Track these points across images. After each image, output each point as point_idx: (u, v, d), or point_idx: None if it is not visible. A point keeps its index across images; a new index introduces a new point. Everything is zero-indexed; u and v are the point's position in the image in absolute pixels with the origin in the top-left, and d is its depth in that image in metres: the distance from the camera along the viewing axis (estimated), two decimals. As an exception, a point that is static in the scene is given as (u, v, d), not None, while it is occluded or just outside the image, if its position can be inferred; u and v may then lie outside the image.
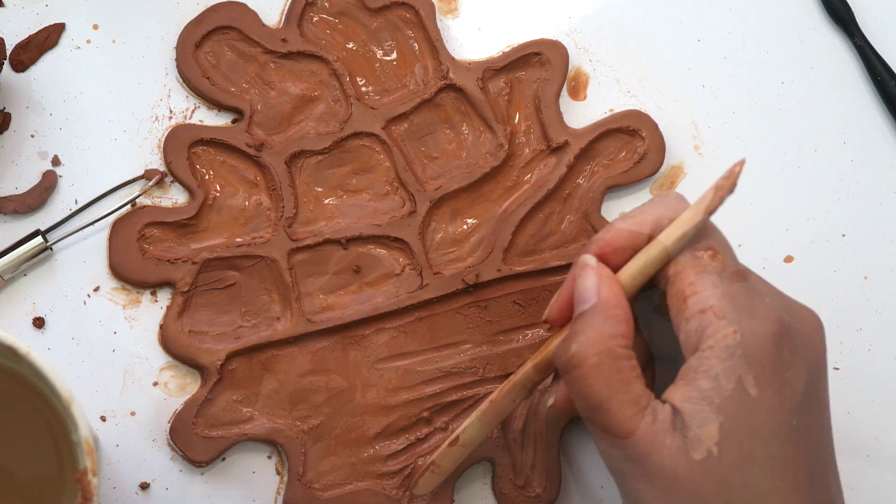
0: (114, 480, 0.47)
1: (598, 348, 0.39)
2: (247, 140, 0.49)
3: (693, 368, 0.38)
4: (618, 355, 0.39)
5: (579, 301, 0.40)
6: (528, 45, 0.51)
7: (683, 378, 0.38)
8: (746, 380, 0.38)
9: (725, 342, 0.38)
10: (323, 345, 0.48)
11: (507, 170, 0.50)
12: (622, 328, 0.39)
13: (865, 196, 0.52)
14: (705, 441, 0.37)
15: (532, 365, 0.43)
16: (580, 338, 0.39)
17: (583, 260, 0.41)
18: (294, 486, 0.47)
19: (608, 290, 0.40)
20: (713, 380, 0.38)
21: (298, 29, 0.51)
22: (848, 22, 0.53)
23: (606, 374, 0.38)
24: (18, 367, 0.39)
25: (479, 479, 0.49)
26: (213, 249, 0.49)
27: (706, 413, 0.37)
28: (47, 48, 0.50)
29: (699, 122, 0.52)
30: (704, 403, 0.38)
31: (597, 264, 0.41)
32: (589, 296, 0.40)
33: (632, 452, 0.38)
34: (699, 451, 0.37)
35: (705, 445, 0.37)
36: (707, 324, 0.38)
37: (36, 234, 0.48)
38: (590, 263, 0.41)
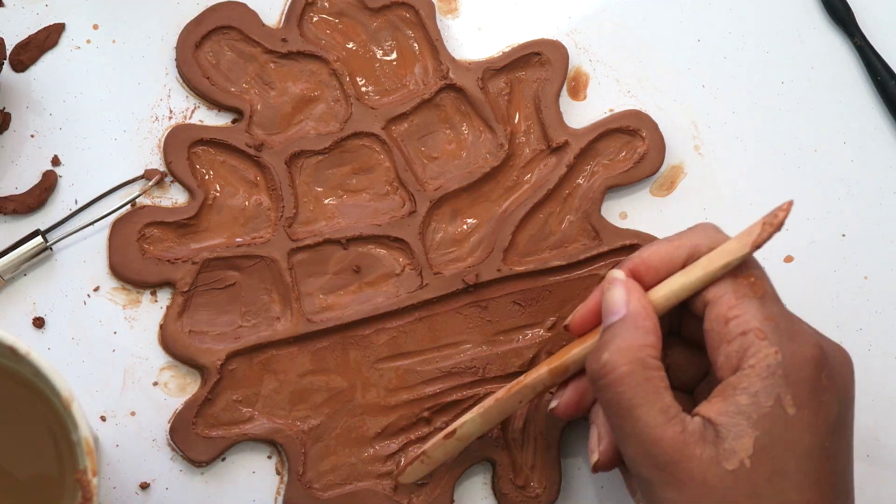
0: (114, 480, 0.47)
1: (628, 357, 0.40)
2: (247, 140, 0.49)
3: (732, 385, 0.39)
4: (648, 365, 0.40)
5: (608, 313, 0.41)
6: (528, 45, 0.51)
7: (720, 395, 0.39)
8: (785, 398, 0.39)
9: (766, 361, 0.39)
10: (323, 345, 0.48)
11: (507, 170, 0.50)
12: (651, 339, 0.40)
13: (865, 196, 0.52)
14: (739, 453, 0.38)
15: (548, 369, 0.44)
16: (611, 347, 0.40)
17: (612, 274, 0.42)
18: (294, 486, 0.47)
19: (637, 303, 0.41)
20: (752, 396, 0.39)
21: (298, 29, 0.51)
22: (848, 22, 0.53)
23: (637, 382, 0.39)
24: (18, 367, 0.39)
25: (479, 479, 0.49)
26: (213, 249, 0.49)
27: (742, 427, 0.39)
28: (47, 48, 0.50)
29: (699, 122, 0.52)
30: (741, 418, 0.39)
31: (626, 278, 0.42)
32: (619, 308, 0.41)
33: (661, 460, 0.39)
34: (732, 462, 0.38)
35: (738, 457, 0.38)
36: (749, 344, 0.39)
37: (36, 234, 0.48)
38: (619, 277, 0.42)
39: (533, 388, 0.44)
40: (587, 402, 0.44)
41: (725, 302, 0.40)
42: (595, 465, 0.43)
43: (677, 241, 0.43)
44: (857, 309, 0.51)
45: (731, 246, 0.41)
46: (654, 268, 0.42)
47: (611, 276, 0.42)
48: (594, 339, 0.43)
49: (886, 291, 0.51)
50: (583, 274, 0.50)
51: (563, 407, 0.44)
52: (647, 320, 0.41)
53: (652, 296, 0.42)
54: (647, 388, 0.39)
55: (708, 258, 0.41)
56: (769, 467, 0.38)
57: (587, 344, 0.43)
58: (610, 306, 0.41)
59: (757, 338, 0.39)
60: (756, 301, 0.40)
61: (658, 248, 0.43)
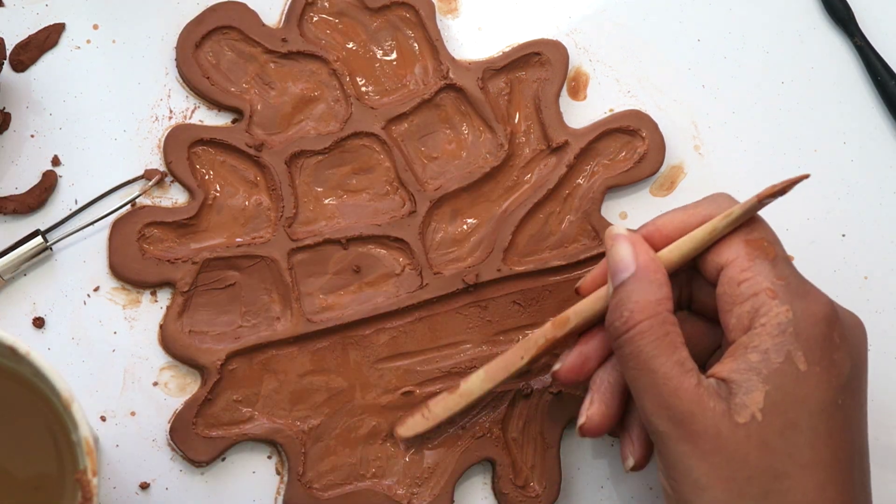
0: (114, 480, 0.47)
1: (647, 312, 0.40)
2: (247, 140, 0.49)
3: (743, 345, 0.40)
4: (665, 319, 0.40)
5: (617, 270, 0.42)
6: (528, 45, 0.51)
7: (731, 354, 0.40)
8: (795, 355, 0.39)
9: (777, 319, 0.39)
10: (323, 345, 0.48)
11: (507, 170, 0.50)
12: (665, 291, 0.41)
13: (865, 196, 0.52)
14: (750, 406, 0.39)
15: (551, 322, 0.44)
16: (629, 304, 0.41)
17: (612, 230, 0.43)
18: (294, 486, 0.47)
19: (645, 256, 0.42)
20: (762, 353, 0.39)
21: (298, 29, 0.51)
22: (848, 22, 0.53)
23: (656, 336, 0.40)
24: (18, 367, 0.39)
25: (479, 479, 0.49)
26: (213, 249, 0.49)
27: (753, 382, 0.39)
28: (47, 48, 0.50)
29: (699, 122, 0.52)
30: (752, 374, 0.39)
31: (628, 233, 0.42)
32: (627, 264, 0.42)
33: (676, 412, 0.39)
34: (743, 416, 0.39)
35: (749, 410, 0.39)
36: (760, 304, 0.40)
37: (36, 234, 0.48)
38: (621, 233, 0.42)
39: (535, 341, 0.44)
40: (589, 368, 0.44)
41: (737, 265, 0.41)
42: (580, 429, 0.43)
43: (692, 209, 0.43)
44: (857, 309, 0.51)
45: (735, 208, 0.42)
46: (668, 235, 0.43)
47: (612, 233, 0.43)
48: (597, 293, 0.43)
49: (886, 291, 0.51)
50: (583, 274, 0.50)
51: (566, 371, 0.44)
52: (658, 273, 0.41)
53: (663, 252, 0.42)
54: (664, 342, 0.40)
55: (717, 218, 0.42)
56: (781, 421, 0.39)
57: (590, 297, 0.43)
58: (618, 263, 0.42)
59: (768, 297, 0.40)
60: (768, 263, 0.41)
61: (672, 216, 0.43)
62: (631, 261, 0.41)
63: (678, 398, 0.39)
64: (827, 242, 0.52)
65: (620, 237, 0.42)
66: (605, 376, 0.43)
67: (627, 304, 0.41)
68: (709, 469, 0.39)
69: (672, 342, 0.40)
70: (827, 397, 0.39)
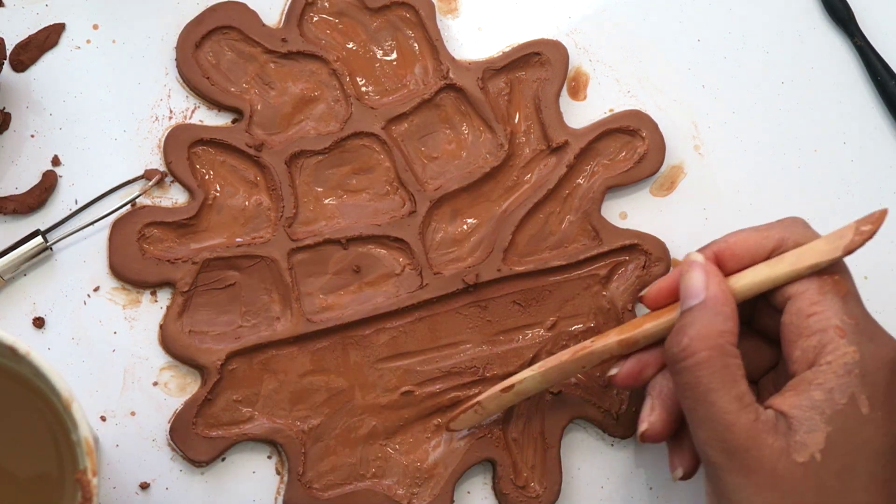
0: (114, 480, 0.47)
1: (708, 343, 0.40)
2: (247, 140, 0.49)
3: (807, 381, 0.40)
4: (726, 352, 0.40)
5: (687, 296, 0.42)
6: (528, 45, 0.51)
7: (794, 389, 0.40)
8: (860, 398, 0.39)
9: (844, 360, 0.39)
10: (323, 345, 0.48)
11: (507, 170, 0.50)
12: (730, 325, 0.41)
13: (865, 196, 0.52)
14: (811, 446, 0.39)
15: (618, 340, 0.44)
16: (691, 331, 0.40)
17: (690, 257, 0.43)
18: (294, 486, 0.47)
19: (717, 287, 0.41)
20: (827, 392, 0.39)
21: (298, 29, 0.51)
22: (848, 22, 0.53)
23: (715, 368, 0.40)
24: (18, 367, 0.39)
25: (480, 479, 0.49)
26: (213, 249, 0.49)
27: (815, 421, 0.39)
28: (47, 48, 0.50)
29: (699, 122, 0.52)
30: (815, 412, 0.39)
31: (705, 262, 0.42)
32: (698, 291, 0.41)
33: (732, 445, 0.39)
34: (802, 455, 0.39)
35: (810, 450, 0.39)
36: (828, 341, 0.40)
37: (36, 234, 0.48)
38: (698, 260, 0.42)
39: (599, 355, 0.44)
40: (647, 375, 0.44)
41: (808, 297, 0.41)
42: (643, 435, 0.43)
43: (766, 231, 0.43)
44: (857, 309, 0.51)
45: (820, 246, 0.41)
46: (738, 255, 0.43)
47: (689, 259, 0.42)
48: (667, 316, 0.43)
49: (886, 291, 0.51)
50: (583, 274, 0.50)
51: (624, 377, 0.44)
52: (727, 306, 0.41)
53: (733, 283, 0.42)
54: (724, 375, 0.40)
55: (796, 254, 0.42)
56: (839, 464, 0.39)
57: (660, 320, 0.43)
58: (689, 289, 0.42)
59: (837, 335, 0.40)
60: (839, 299, 0.41)
61: (746, 237, 0.43)
62: (702, 289, 0.41)
63: (734, 433, 0.39)
64: (827, 242, 0.52)
65: (696, 265, 0.42)
66: (666, 383, 0.43)
67: (689, 332, 0.40)
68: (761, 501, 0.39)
69: (732, 375, 0.40)
70: (887, 443, 0.39)
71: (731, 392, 0.39)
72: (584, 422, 0.49)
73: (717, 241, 0.43)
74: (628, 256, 0.50)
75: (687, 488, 0.49)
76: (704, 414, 0.40)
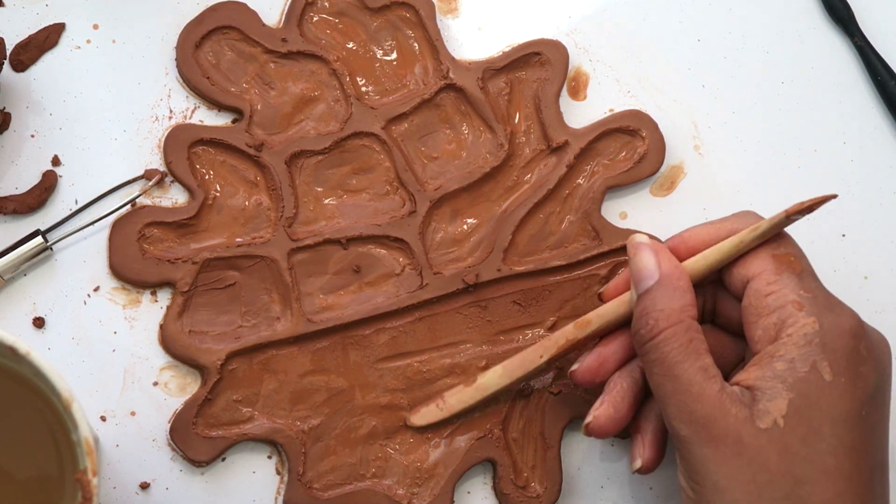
0: (114, 480, 0.47)
1: (672, 319, 0.41)
2: (247, 140, 0.49)
3: (769, 354, 0.40)
4: (689, 326, 0.41)
5: (640, 278, 0.42)
6: (528, 45, 0.51)
7: (757, 364, 0.41)
8: (821, 365, 0.40)
9: (804, 331, 0.40)
10: (323, 345, 0.48)
11: (507, 170, 0.50)
12: (689, 298, 0.42)
13: (865, 196, 0.52)
14: (773, 412, 0.39)
15: (573, 322, 0.45)
16: (654, 312, 0.41)
17: (634, 239, 0.43)
18: (294, 486, 0.47)
19: (668, 264, 0.42)
20: (788, 363, 0.40)
21: (298, 29, 0.51)
22: (848, 22, 0.53)
23: (680, 342, 0.41)
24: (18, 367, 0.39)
25: (480, 480, 0.49)
26: (213, 249, 0.49)
27: (777, 389, 0.39)
28: (47, 48, 0.50)
29: (699, 122, 0.52)
30: (777, 381, 0.40)
31: (651, 241, 0.43)
32: (651, 272, 0.42)
33: (698, 416, 0.40)
34: (765, 421, 0.39)
35: (772, 416, 0.39)
36: (787, 316, 0.40)
37: (36, 234, 0.48)
38: (643, 241, 0.43)
39: (555, 341, 0.45)
40: (607, 370, 0.44)
41: (764, 278, 0.41)
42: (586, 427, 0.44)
43: (718, 223, 0.44)
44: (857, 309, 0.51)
45: (763, 222, 0.42)
46: (693, 248, 0.43)
47: (635, 242, 0.43)
48: (620, 298, 0.44)
49: (886, 291, 0.51)
50: (583, 274, 0.50)
51: (583, 371, 0.44)
52: (681, 280, 0.42)
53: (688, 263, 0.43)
54: (689, 349, 0.41)
55: (742, 232, 0.42)
56: (804, 428, 0.39)
57: (613, 301, 0.44)
58: (641, 271, 0.42)
59: (795, 309, 0.40)
60: (794, 276, 0.41)
61: (698, 230, 0.44)
62: (654, 269, 0.42)
63: (700, 403, 0.40)
64: (827, 242, 0.52)
65: (643, 245, 0.43)
66: (620, 381, 0.44)
67: (652, 313, 0.41)
68: (729, 473, 0.39)
69: (696, 349, 0.41)
70: (852, 408, 0.40)
71: (696, 364, 0.40)
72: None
73: (672, 237, 0.44)
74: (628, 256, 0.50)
75: (687, 488, 0.49)
76: (672, 388, 0.40)
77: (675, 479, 0.49)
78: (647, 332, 0.41)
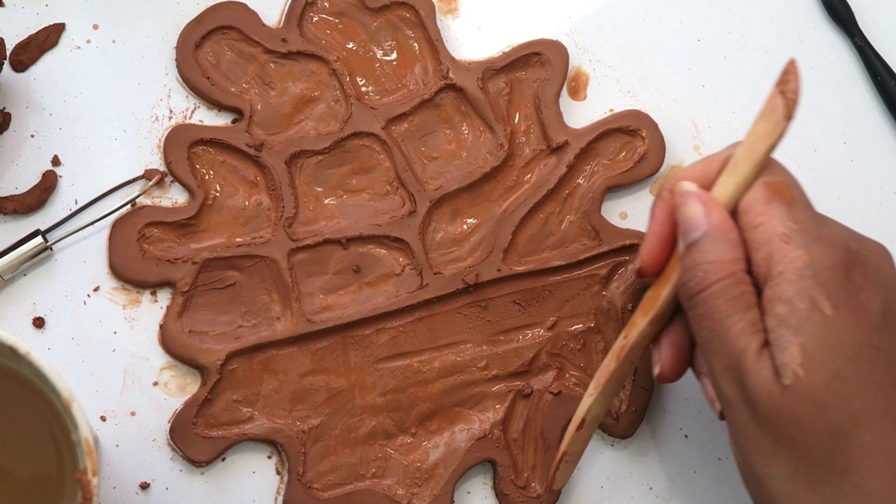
0: (114, 480, 0.47)
1: (723, 272, 0.39)
2: (247, 140, 0.49)
3: (767, 299, 0.38)
4: (740, 280, 0.39)
5: (688, 229, 0.40)
6: (528, 45, 0.51)
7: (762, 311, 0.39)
8: (820, 300, 0.38)
9: (794, 265, 0.38)
10: (323, 345, 0.48)
11: (507, 170, 0.50)
12: (739, 251, 0.40)
13: (865, 196, 0.52)
14: (790, 364, 0.37)
15: (646, 320, 0.42)
16: (704, 265, 0.39)
17: (681, 187, 0.41)
18: (294, 486, 0.47)
19: (719, 215, 0.40)
20: (787, 304, 0.38)
21: (298, 29, 0.51)
22: (848, 22, 0.53)
23: (731, 296, 0.39)
24: (18, 367, 0.39)
25: (480, 480, 0.49)
26: (213, 249, 0.49)
27: (786, 337, 0.38)
28: (47, 48, 0.50)
29: (699, 122, 0.52)
30: (783, 329, 0.38)
31: (697, 189, 0.41)
32: (699, 222, 0.40)
33: (740, 374, 0.38)
34: (787, 377, 0.37)
35: (791, 369, 0.37)
36: (775, 250, 0.38)
37: (36, 234, 0.48)
38: (690, 189, 0.41)
39: (640, 345, 0.43)
40: (687, 354, 0.43)
41: (754, 209, 0.40)
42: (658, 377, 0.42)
43: (709, 157, 0.42)
44: (857, 309, 0.51)
45: (760, 129, 0.40)
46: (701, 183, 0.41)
47: (682, 190, 0.41)
48: (676, 274, 0.41)
49: (886, 291, 0.51)
50: (583, 274, 0.50)
51: (668, 367, 0.43)
52: (731, 232, 0.40)
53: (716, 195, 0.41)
54: (740, 302, 0.39)
55: (745, 149, 0.40)
56: (824, 374, 0.37)
57: (672, 282, 0.42)
58: (688, 222, 0.40)
59: (782, 242, 0.38)
60: (784, 206, 0.39)
61: (693, 166, 0.42)
62: (703, 219, 0.40)
63: (743, 360, 0.38)
64: (827, 242, 0.52)
65: (690, 195, 0.41)
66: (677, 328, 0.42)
67: (702, 265, 0.39)
68: (771, 443, 0.38)
69: (746, 302, 0.39)
70: (861, 340, 0.38)
71: (744, 318, 0.38)
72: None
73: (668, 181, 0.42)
74: (628, 256, 0.50)
75: (687, 488, 0.49)
76: (719, 344, 0.39)
77: (675, 480, 0.49)
78: (695, 284, 0.39)
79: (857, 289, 0.38)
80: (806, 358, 0.37)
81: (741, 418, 0.39)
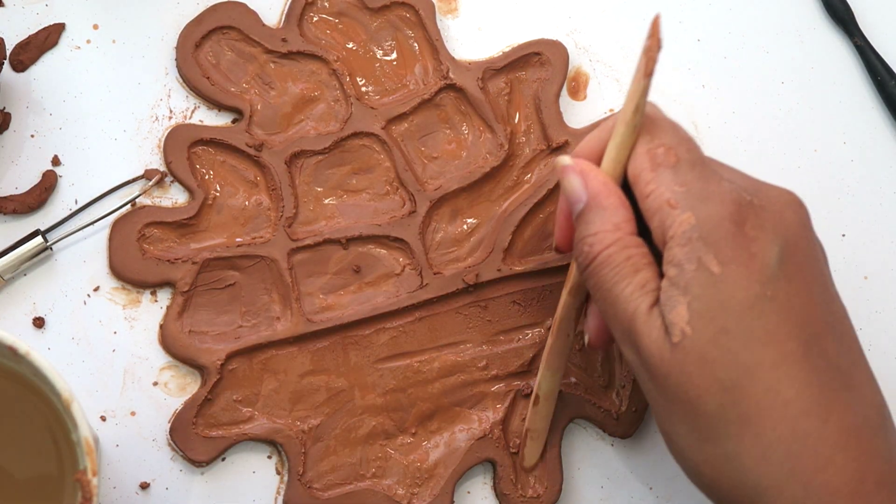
0: (114, 480, 0.47)
1: (605, 242, 0.39)
2: (247, 140, 0.49)
3: (664, 263, 0.39)
4: (627, 244, 0.39)
5: (572, 203, 0.41)
6: (528, 45, 0.51)
7: None
8: (707, 259, 0.38)
9: (682, 228, 0.38)
10: (323, 345, 0.48)
11: (507, 170, 0.50)
12: (622, 214, 0.40)
13: (865, 196, 0.52)
14: (677, 323, 0.38)
15: (566, 292, 0.43)
16: (588, 238, 0.40)
17: (559, 162, 0.42)
18: (294, 486, 0.47)
19: (595, 182, 0.40)
20: (677, 266, 0.38)
21: (298, 29, 0.51)
22: (848, 22, 0.53)
23: (616, 263, 0.39)
24: (18, 367, 0.39)
25: (480, 480, 0.49)
26: (213, 249, 0.49)
27: (674, 297, 0.38)
28: (47, 48, 0.50)
29: (699, 122, 0.52)
30: (673, 290, 0.38)
31: (573, 161, 0.41)
32: (579, 195, 0.40)
33: (634, 338, 0.39)
34: (675, 335, 0.38)
35: (678, 327, 0.38)
36: (665, 217, 0.39)
37: (36, 234, 0.48)
38: (567, 163, 0.41)
39: (567, 317, 0.44)
40: None
41: (643, 178, 0.40)
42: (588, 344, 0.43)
43: (601, 123, 0.42)
44: (856, 309, 0.51)
45: (630, 90, 0.41)
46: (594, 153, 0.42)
47: (560, 166, 0.41)
48: None
49: (886, 291, 0.51)
50: (583, 274, 0.50)
51: (594, 336, 0.43)
52: (611, 196, 0.40)
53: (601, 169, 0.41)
54: (626, 267, 0.39)
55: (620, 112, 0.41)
56: (710, 330, 0.37)
57: None
58: (570, 195, 0.41)
59: (670, 207, 0.39)
60: (669, 171, 0.39)
61: (588, 138, 0.42)
62: (581, 190, 0.40)
63: (634, 322, 0.39)
64: (827, 242, 0.51)
65: (567, 169, 0.41)
66: None
67: (587, 238, 0.40)
68: (667, 401, 0.38)
69: (634, 265, 0.39)
70: (752, 293, 0.38)
71: (633, 281, 0.39)
72: (584, 422, 0.49)
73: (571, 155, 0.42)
74: (628, 256, 0.50)
75: (687, 488, 0.49)
76: (613, 312, 0.39)
77: (675, 482, 0.49)
78: (584, 258, 0.40)
79: (749, 241, 0.38)
80: (693, 315, 0.38)
81: (642, 380, 0.39)
